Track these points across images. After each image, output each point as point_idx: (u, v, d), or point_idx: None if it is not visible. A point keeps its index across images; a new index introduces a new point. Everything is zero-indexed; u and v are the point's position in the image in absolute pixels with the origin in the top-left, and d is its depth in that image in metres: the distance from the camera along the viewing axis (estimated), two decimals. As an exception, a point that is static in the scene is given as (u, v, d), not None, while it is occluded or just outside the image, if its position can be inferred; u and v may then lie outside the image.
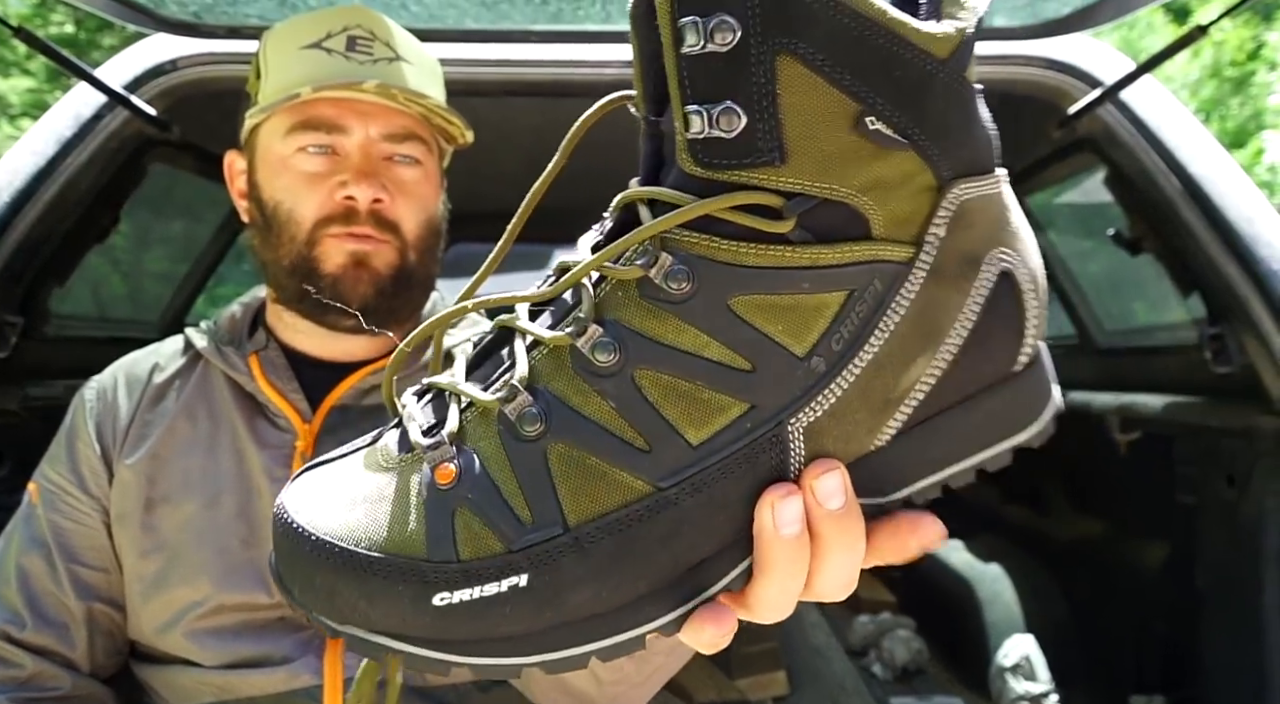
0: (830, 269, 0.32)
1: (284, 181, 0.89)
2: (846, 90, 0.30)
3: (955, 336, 0.34)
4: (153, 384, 0.94)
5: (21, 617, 0.86)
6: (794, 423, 0.33)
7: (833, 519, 0.33)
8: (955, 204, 0.33)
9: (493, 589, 0.31)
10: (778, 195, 0.32)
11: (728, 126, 0.31)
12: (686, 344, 0.32)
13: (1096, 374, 1.92)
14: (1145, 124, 1.32)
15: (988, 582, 2.11)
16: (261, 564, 0.85)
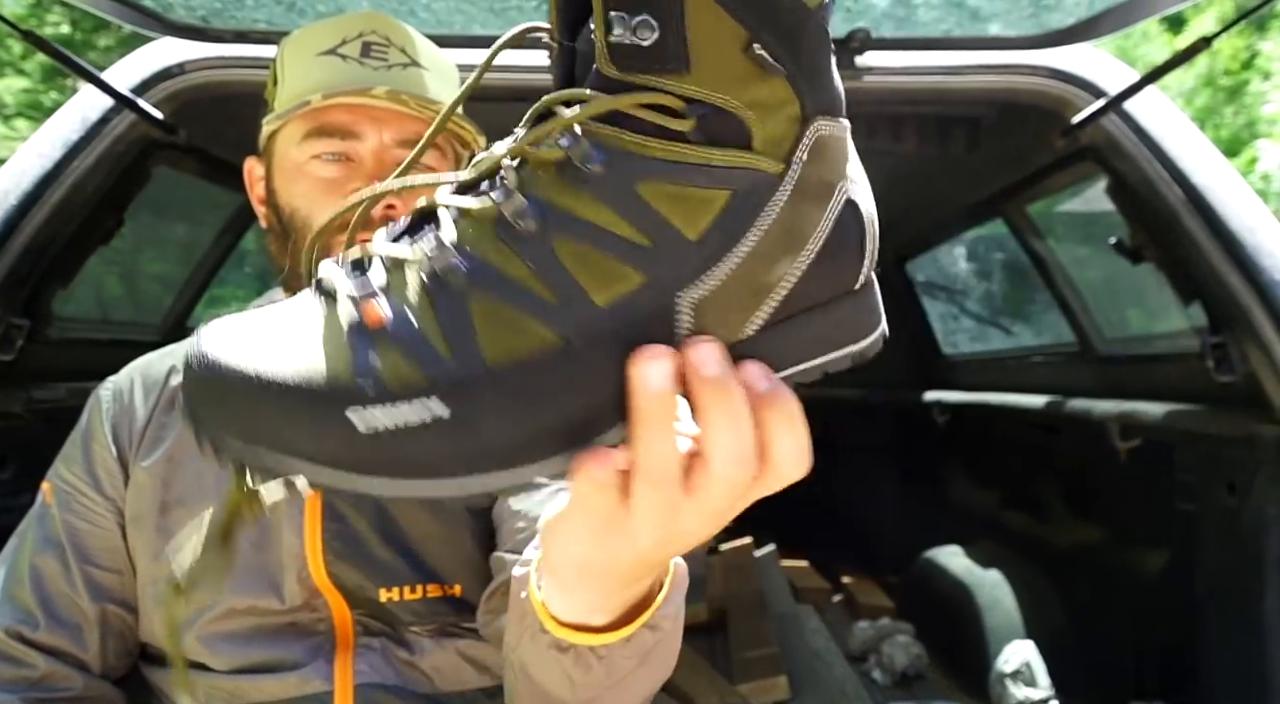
0: (719, 169, 0.37)
1: (299, 188, 0.89)
2: (740, 20, 0.36)
3: (813, 244, 0.39)
4: (169, 386, 0.94)
5: (35, 617, 0.86)
6: (682, 295, 0.37)
7: (710, 386, 0.36)
8: (814, 136, 0.38)
9: (413, 417, 0.35)
10: (681, 100, 0.37)
11: (643, 36, 0.36)
12: (599, 219, 0.37)
13: (1096, 381, 1.93)
14: (1148, 134, 1.33)
15: (987, 587, 2.12)
16: (273, 569, 0.85)
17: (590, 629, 0.52)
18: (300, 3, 1.31)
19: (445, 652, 0.85)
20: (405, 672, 0.84)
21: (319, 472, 0.36)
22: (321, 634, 0.85)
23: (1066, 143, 1.46)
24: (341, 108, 0.87)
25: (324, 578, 0.85)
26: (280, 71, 0.92)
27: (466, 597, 0.87)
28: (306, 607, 0.85)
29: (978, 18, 1.32)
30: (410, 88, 0.88)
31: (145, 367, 0.98)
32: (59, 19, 15.62)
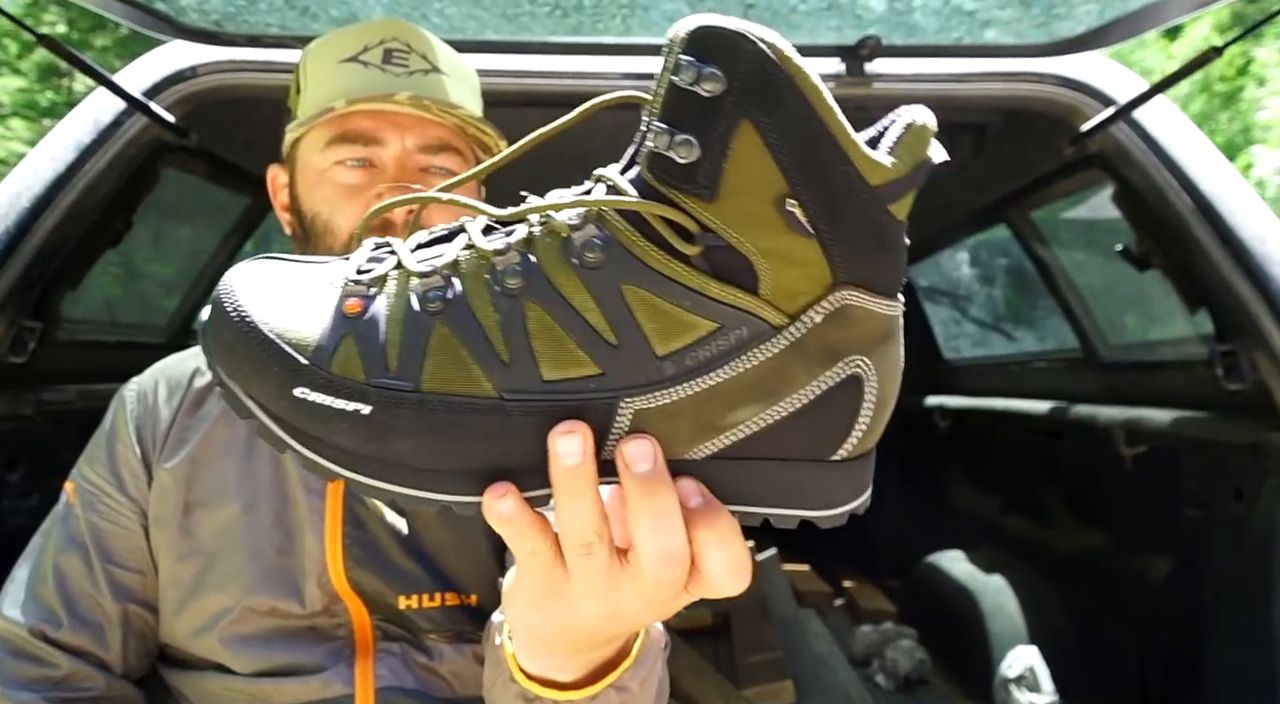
0: (711, 301, 0.37)
1: (322, 194, 0.89)
2: (783, 171, 0.35)
3: (788, 404, 0.38)
4: (193, 389, 0.94)
5: (58, 616, 0.86)
6: (628, 402, 0.38)
7: (639, 482, 0.37)
8: (838, 303, 0.37)
9: (340, 405, 0.38)
10: (697, 224, 0.37)
11: (683, 154, 0.36)
12: (575, 300, 0.38)
13: (1100, 388, 1.93)
14: (1157, 142, 1.34)
15: (991, 592, 2.12)
16: (295, 572, 0.86)
17: (556, 685, 0.53)
18: (314, 7, 1.31)
19: (464, 657, 0.85)
20: (425, 677, 0.84)
21: (268, 425, 0.39)
22: (341, 639, 0.85)
23: (1075, 150, 1.46)
24: (364, 114, 0.88)
25: (344, 584, 0.85)
26: (303, 79, 0.92)
27: (483, 606, 0.87)
28: (326, 612, 0.85)
29: (988, 25, 1.33)
30: (432, 93, 0.89)
31: (169, 368, 0.98)
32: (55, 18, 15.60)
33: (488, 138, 0.95)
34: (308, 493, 0.87)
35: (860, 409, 0.39)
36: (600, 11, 1.32)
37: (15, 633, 0.86)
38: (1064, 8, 1.26)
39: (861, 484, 0.41)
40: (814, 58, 1.44)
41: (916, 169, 0.36)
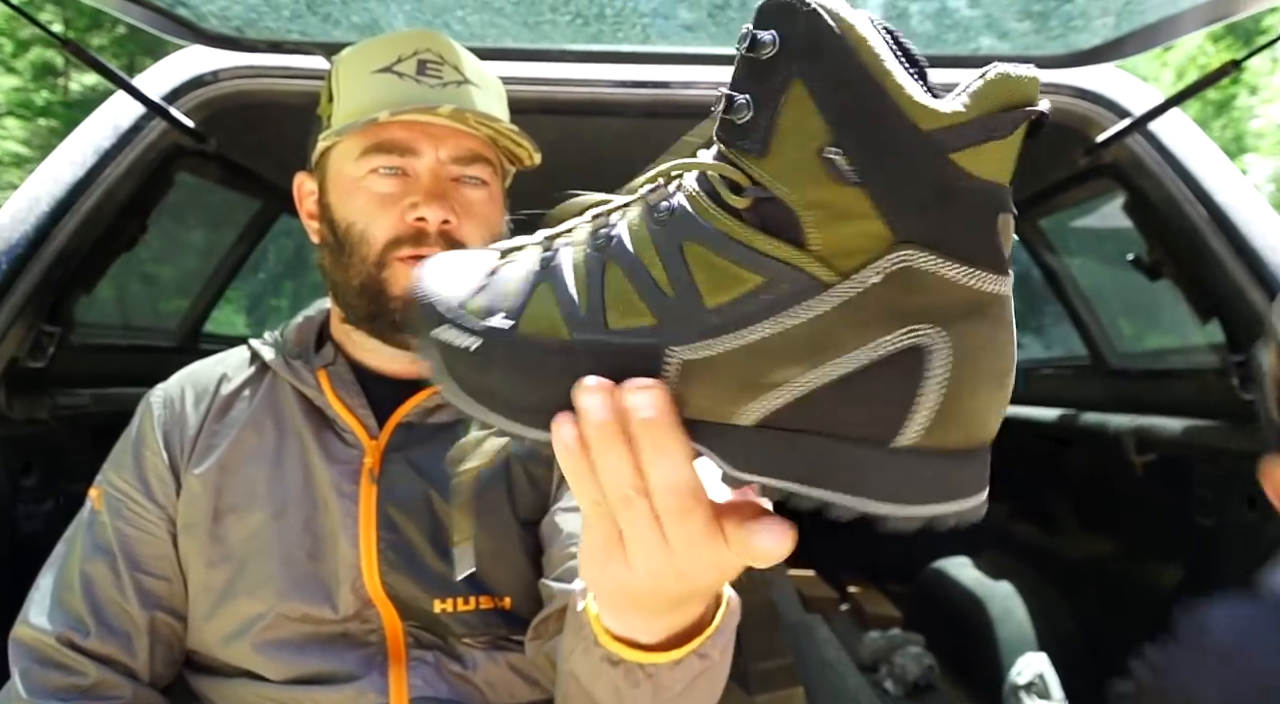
0: (758, 254, 0.38)
1: (357, 203, 0.89)
2: (826, 120, 0.36)
3: (835, 367, 0.37)
4: (220, 395, 0.94)
5: (86, 624, 0.86)
6: (673, 351, 0.39)
7: (645, 426, 0.39)
8: (900, 264, 0.36)
9: (460, 341, 0.44)
10: (747, 178, 0.38)
11: (741, 115, 0.37)
12: (645, 258, 0.41)
13: (1108, 395, 1.94)
14: (1172, 153, 1.35)
15: (999, 599, 2.13)
16: (326, 578, 0.86)
17: (640, 646, 0.55)
18: (336, 13, 1.32)
19: (497, 665, 0.86)
20: (458, 685, 0.84)
21: (422, 363, 0.46)
22: (373, 645, 0.85)
23: (1089, 160, 1.47)
24: (400, 125, 0.88)
25: (378, 588, 0.85)
26: (335, 88, 0.92)
27: (516, 610, 0.88)
28: (358, 617, 0.85)
29: (1006, 37, 1.34)
30: (469, 105, 0.89)
31: (195, 374, 0.98)
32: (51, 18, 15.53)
33: (520, 149, 0.95)
34: (340, 497, 0.87)
35: (922, 386, 0.37)
36: (621, 20, 1.32)
37: (43, 641, 0.86)
38: (1081, 20, 1.27)
39: (943, 485, 0.38)
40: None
41: (988, 117, 0.35)
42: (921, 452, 0.37)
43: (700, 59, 1.46)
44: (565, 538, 0.85)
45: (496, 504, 0.89)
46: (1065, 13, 1.26)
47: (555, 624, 0.80)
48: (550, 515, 0.89)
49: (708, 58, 1.45)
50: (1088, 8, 1.24)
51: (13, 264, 1.25)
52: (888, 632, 2.32)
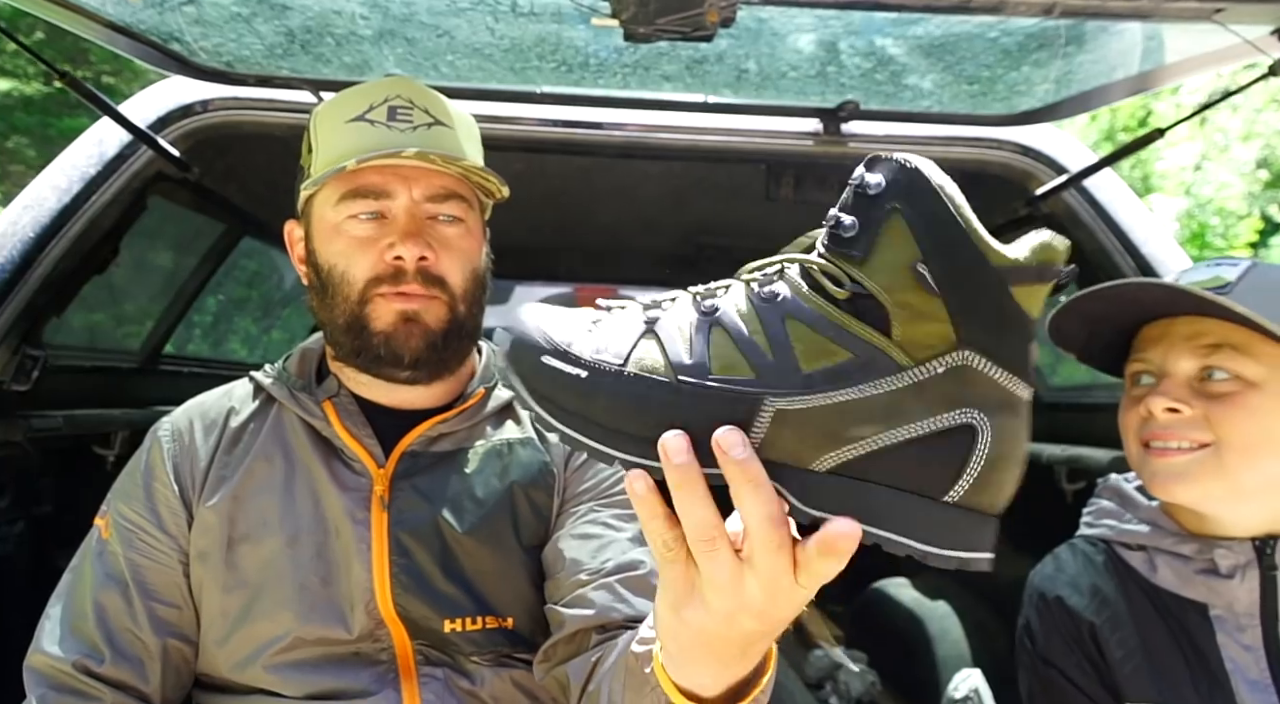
0: (850, 335, 0.48)
1: (337, 247, 0.94)
2: (918, 243, 0.47)
3: (904, 432, 0.47)
4: (230, 427, 0.98)
5: (100, 651, 0.89)
6: (771, 401, 0.48)
7: (736, 465, 0.46)
8: (958, 362, 0.47)
9: (569, 370, 0.51)
10: (847, 275, 0.48)
11: (847, 230, 0.48)
12: (748, 328, 0.50)
13: (1040, 426, 2.07)
14: (1104, 208, 1.48)
15: (936, 618, 2.24)
16: (340, 601, 0.90)
17: (704, 700, 0.58)
18: (328, 53, 1.36)
19: (502, 681, 0.91)
20: (467, 700, 0.89)
21: (526, 397, 0.52)
22: (384, 663, 0.90)
23: (1028, 210, 1.60)
24: (373, 170, 0.93)
25: (390, 610, 0.90)
26: (314, 139, 0.97)
27: (518, 629, 0.93)
28: (370, 637, 0.90)
29: (958, 97, 1.45)
30: (436, 146, 0.94)
31: (202, 407, 1.01)
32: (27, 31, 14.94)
33: (489, 184, 0.99)
34: (353, 524, 0.91)
35: (971, 456, 0.47)
36: (603, 68, 1.40)
37: (58, 668, 0.88)
38: (1024, 86, 1.39)
39: (973, 538, 0.48)
40: (795, 117, 1.55)
41: (1041, 266, 0.47)
42: (963, 508, 0.48)
43: (673, 106, 1.54)
44: (570, 564, 0.90)
45: (500, 531, 0.94)
46: (1010, 79, 1.38)
47: (564, 649, 0.86)
48: (554, 542, 0.94)
49: (680, 105, 1.54)
50: (1030, 74, 1.36)
51: (-1, 289, 1.26)
52: (831, 650, 2.41)
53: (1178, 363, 0.96)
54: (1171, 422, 0.94)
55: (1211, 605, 0.97)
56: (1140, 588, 1.02)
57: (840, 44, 1.30)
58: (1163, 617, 1.00)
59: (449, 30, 1.28)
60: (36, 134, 13.73)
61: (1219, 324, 0.94)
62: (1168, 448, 0.95)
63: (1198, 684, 0.96)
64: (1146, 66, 1.29)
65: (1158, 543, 1.01)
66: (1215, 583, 0.96)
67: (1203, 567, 0.97)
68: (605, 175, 1.91)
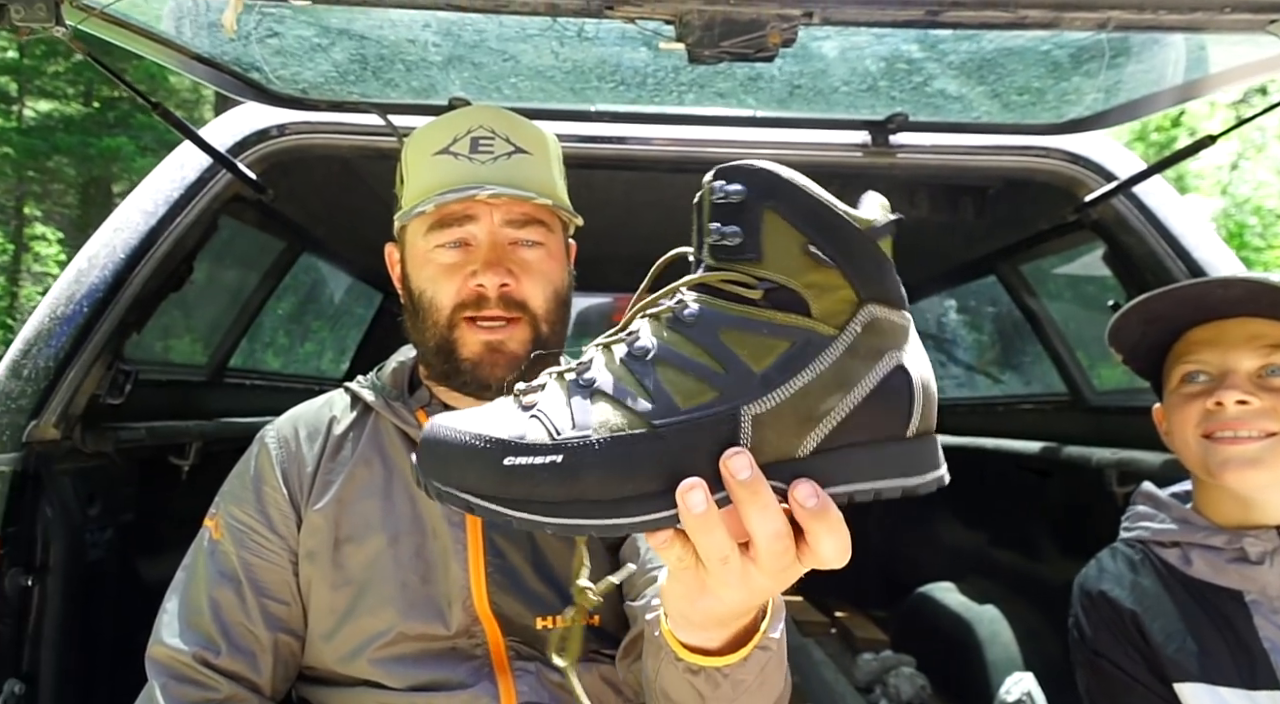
0: (780, 326, 0.52)
1: (426, 273, 1.00)
2: (799, 230, 0.52)
3: (859, 391, 0.52)
4: (332, 435, 1.03)
5: (217, 644, 0.95)
6: (746, 410, 0.51)
7: (742, 486, 0.50)
8: (869, 315, 0.53)
9: (539, 460, 0.51)
10: (753, 277, 0.53)
11: (732, 239, 0.53)
12: (688, 352, 0.53)
13: (1087, 430, 2.09)
14: (1154, 213, 1.51)
15: (986, 622, 2.25)
16: (438, 598, 0.95)
17: (711, 652, 0.66)
18: (396, 78, 1.42)
19: (591, 676, 0.95)
20: (557, 693, 0.94)
21: (485, 506, 0.52)
22: (479, 658, 0.95)
23: (1078, 218, 1.62)
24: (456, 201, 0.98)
25: (485, 607, 0.95)
26: (405, 170, 1.03)
27: (604, 626, 0.98)
28: (466, 633, 0.95)
29: (1008, 108, 1.48)
30: (515, 176, 0.99)
31: (305, 416, 1.07)
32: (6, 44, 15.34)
33: (563, 212, 1.04)
34: (450, 526, 0.97)
35: (913, 390, 0.53)
36: (660, 87, 1.45)
37: (178, 659, 0.94)
38: (1074, 95, 1.42)
39: (936, 457, 0.54)
40: (843, 130, 1.59)
41: (885, 220, 0.54)
42: (920, 435, 0.54)
43: (722, 121, 1.59)
44: (644, 561, 0.95)
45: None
46: (1060, 89, 1.41)
47: (639, 646, 0.90)
48: (630, 541, 0.99)
49: (729, 120, 1.58)
50: (1080, 84, 1.39)
51: (93, 307, 1.34)
52: (880, 654, 2.44)
53: (1240, 361, 1.06)
54: (1242, 413, 1.03)
55: (1246, 592, 1.06)
56: (1178, 581, 1.11)
57: (893, 59, 1.34)
58: (1201, 606, 1.09)
59: (515, 55, 1.33)
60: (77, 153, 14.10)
61: (1272, 326, 1.05)
62: (1238, 437, 1.04)
63: (1238, 663, 1.04)
64: (1194, 75, 1.31)
65: (1190, 538, 1.10)
66: (1247, 570, 1.06)
67: (1234, 556, 1.07)
68: (648, 189, 1.96)
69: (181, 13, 1.17)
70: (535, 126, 1.07)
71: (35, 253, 16.13)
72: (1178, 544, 1.12)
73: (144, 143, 13.66)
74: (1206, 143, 1.33)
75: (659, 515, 0.51)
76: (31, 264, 16.30)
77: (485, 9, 0.90)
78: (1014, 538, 2.49)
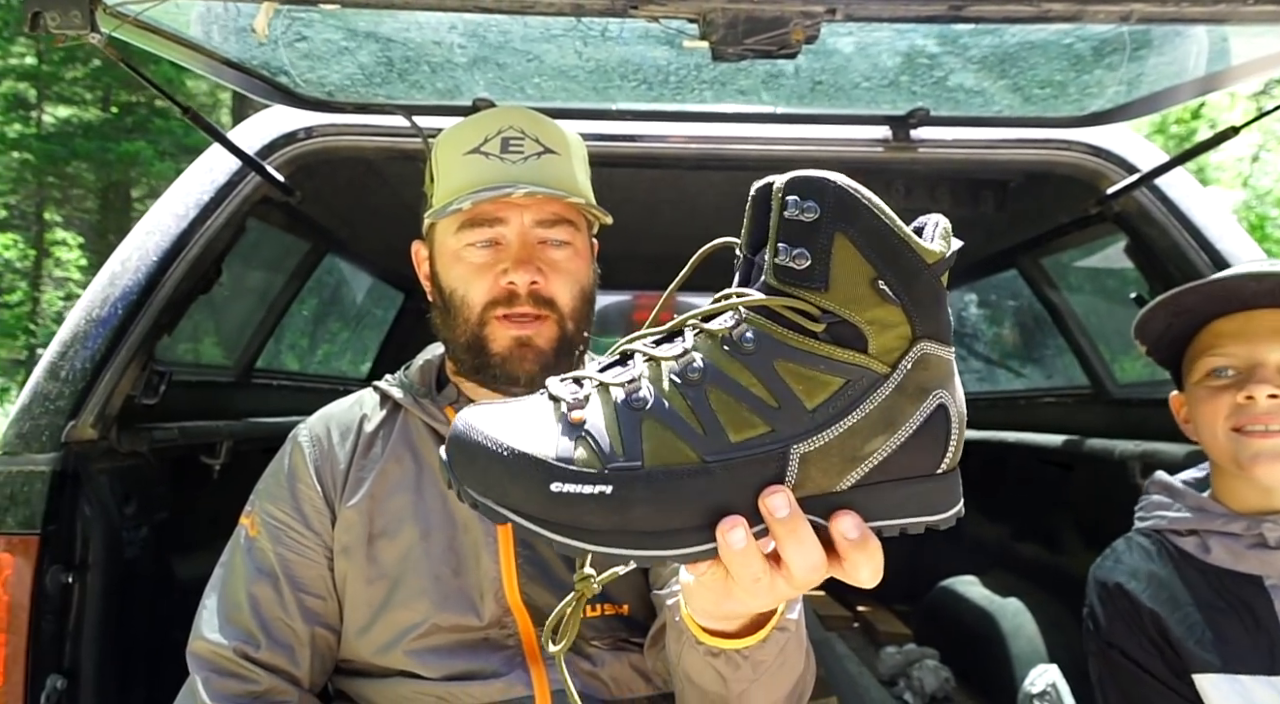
0: (837, 362, 0.51)
1: (457, 272, 1.02)
2: (870, 262, 0.51)
3: (904, 431, 0.52)
4: (364, 433, 1.05)
5: (256, 638, 0.97)
6: (795, 448, 0.51)
7: (781, 523, 0.51)
8: (920, 352, 0.52)
9: (588, 490, 0.50)
10: (818, 309, 0.51)
11: (799, 263, 0.51)
12: (742, 380, 0.52)
13: (1110, 422, 2.09)
14: (1176, 205, 1.51)
15: (1009, 615, 2.25)
16: (470, 590, 0.97)
17: (730, 635, 0.68)
18: (422, 80, 1.44)
19: (620, 664, 0.97)
20: (589, 681, 0.96)
21: (526, 526, 0.51)
22: (511, 648, 0.97)
23: (1100, 210, 1.62)
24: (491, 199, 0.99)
25: (517, 598, 0.97)
26: (435, 169, 1.05)
27: (633, 615, 1.00)
28: (498, 624, 0.97)
29: (1029, 101, 1.48)
30: (545, 176, 1.00)
31: (336, 414, 1.09)
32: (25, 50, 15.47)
33: (594, 211, 1.06)
34: (481, 519, 0.98)
35: (950, 428, 0.54)
36: (682, 85, 1.46)
37: (219, 653, 0.96)
38: (1096, 88, 1.42)
39: (958, 491, 0.55)
40: (864, 126, 1.59)
41: (950, 252, 0.53)
42: (948, 472, 0.54)
43: (742, 117, 1.60)
44: None
45: None
46: (1082, 82, 1.41)
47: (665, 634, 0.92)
48: None
49: (749, 116, 1.59)
50: (1102, 77, 1.39)
51: (127, 309, 1.36)
52: (904, 647, 2.44)
53: (1269, 354, 1.06)
54: (1273, 407, 1.04)
55: (1266, 577, 1.07)
56: (1196, 570, 1.11)
57: (914, 54, 1.35)
58: (1220, 594, 1.09)
59: (539, 55, 1.34)
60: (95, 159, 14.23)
61: None
62: (1269, 430, 1.04)
63: (1260, 650, 1.04)
64: (1217, 67, 1.31)
65: (1208, 525, 1.11)
66: (1266, 555, 1.06)
67: (1253, 541, 1.07)
68: (670, 187, 1.97)
69: (210, 18, 1.19)
70: (561, 127, 1.08)
71: (56, 258, 16.31)
72: (1195, 532, 1.12)
73: (162, 147, 13.80)
74: (1230, 134, 1.33)
75: (700, 549, 0.52)
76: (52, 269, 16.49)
77: (512, 10, 0.92)
78: (1036, 531, 2.49)
